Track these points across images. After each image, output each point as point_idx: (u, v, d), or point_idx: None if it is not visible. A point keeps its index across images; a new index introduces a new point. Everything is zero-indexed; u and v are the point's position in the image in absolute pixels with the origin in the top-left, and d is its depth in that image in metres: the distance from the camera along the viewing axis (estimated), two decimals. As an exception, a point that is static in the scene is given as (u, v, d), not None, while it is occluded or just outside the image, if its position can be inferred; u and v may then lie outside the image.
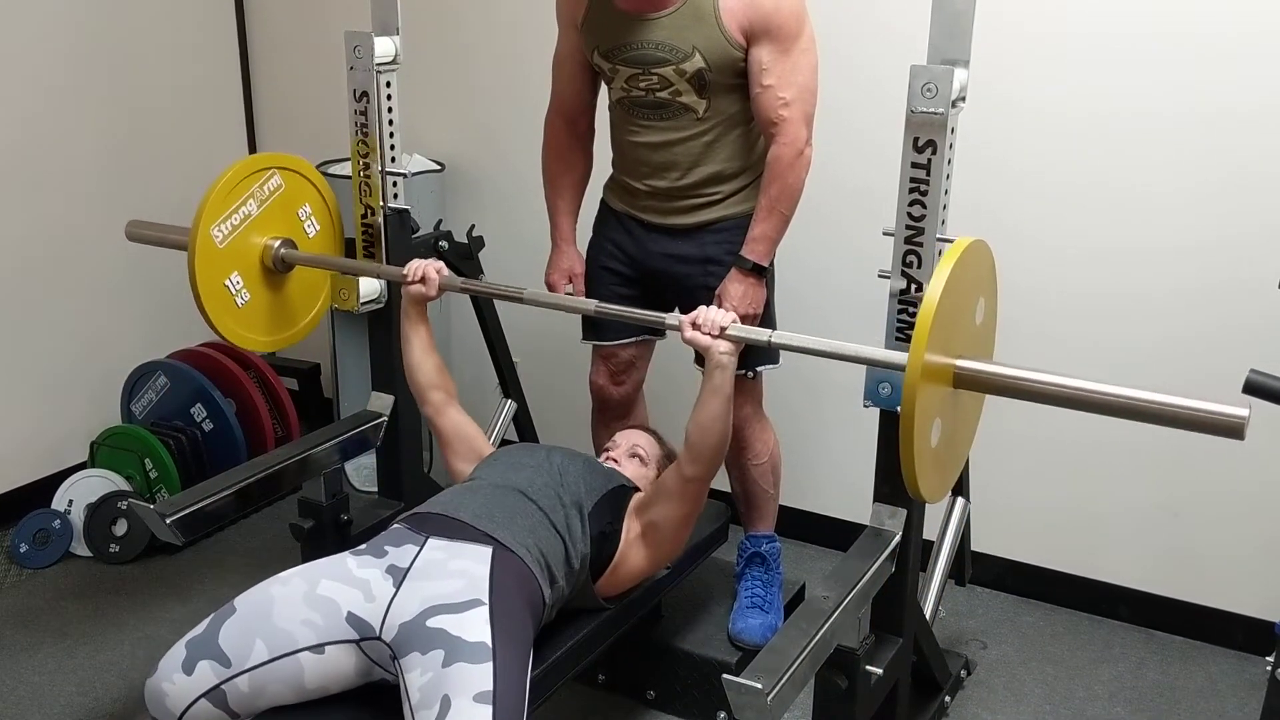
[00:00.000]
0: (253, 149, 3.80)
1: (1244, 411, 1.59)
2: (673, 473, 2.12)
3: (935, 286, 1.70)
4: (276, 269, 2.52)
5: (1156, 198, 2.63)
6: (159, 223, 2.64)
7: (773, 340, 2.00)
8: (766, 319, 2.43)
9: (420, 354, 2.36)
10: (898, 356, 1.84)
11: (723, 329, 2.00)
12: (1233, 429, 1.60)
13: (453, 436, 2.34)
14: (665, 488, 2.13)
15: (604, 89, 2.46)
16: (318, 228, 2.62)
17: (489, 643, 1.74)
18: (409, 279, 2.33)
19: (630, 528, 2.15)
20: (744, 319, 2.33)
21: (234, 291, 2.45)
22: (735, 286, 2.33)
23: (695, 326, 2.02)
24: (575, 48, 2.41)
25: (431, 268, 2.33)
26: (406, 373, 2.39)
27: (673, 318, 2.09)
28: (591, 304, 2.24)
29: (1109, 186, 2.67)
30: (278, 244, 2.51)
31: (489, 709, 1.67)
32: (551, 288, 2.59)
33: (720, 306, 2.32)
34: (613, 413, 2.67)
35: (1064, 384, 1.77)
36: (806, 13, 2.23)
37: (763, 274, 2.34)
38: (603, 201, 2.56)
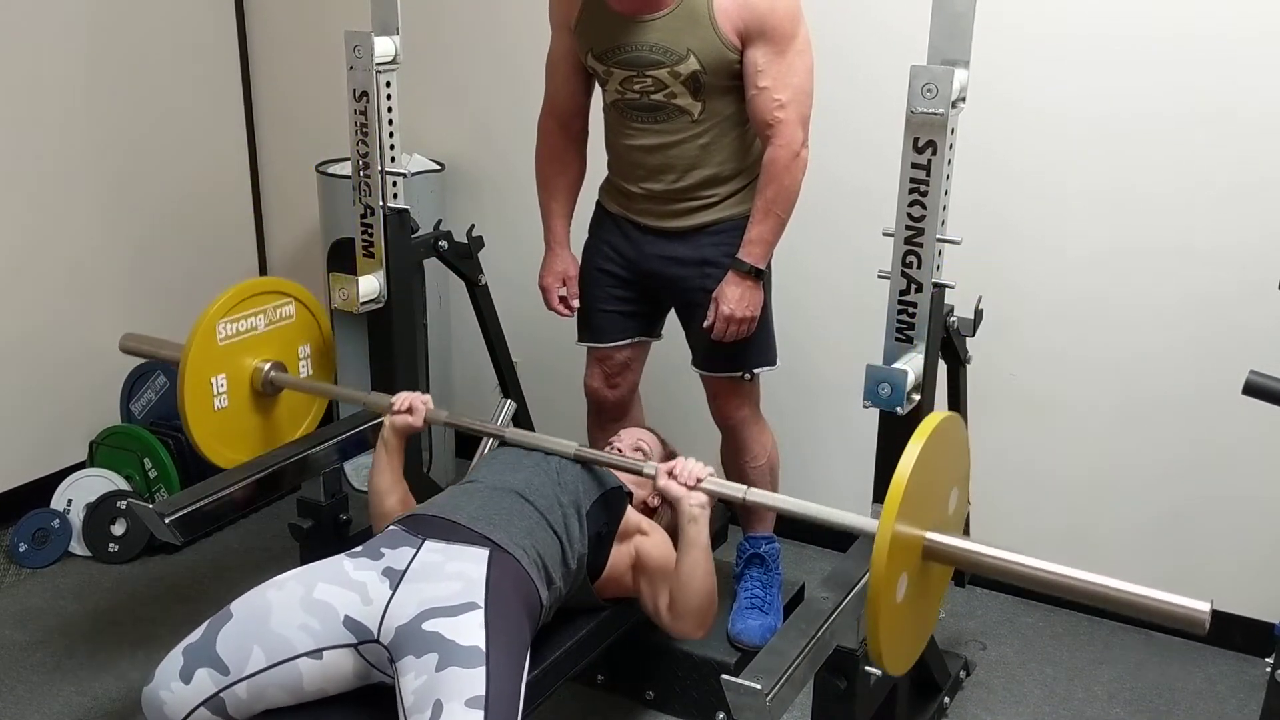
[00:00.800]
0: (252, 149, 3.80)
1: (1205, 607, 1.62)
2: (665, 601, 2.08)
3: (907, 461, 1.65)
4: (264, 392, 2.56)
5: (1157, 199, 2.63)
6: (154, 336, 2.71)
7: (747, 499, 2.00)
8: (764, 321, 2.43)
9: (390, 484, 2.30)
10: (869, 523, 1.82)
11: (699, 480, 2.00)
12: (1194, 623, 1.62)
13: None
14: (657, 603, 2.11)
15: (598, 91, 2.45)
16: (310, 372, 2.69)
17: (483, 647, 1.73)
18: (396, 408, 2.31)
19: (624, 555, 2.14)
20: (741, 322, 2.33)
21: (215, 393, 2.48)
22: (732, 289, 2.32)
23: (671, 475, 2.02)
24: (569, 49, 2.41)
25: (418, 399, 2.32)
26: (370, 496, 2.32)
27: (649, 466, 2.09)
28: (571, 446, 2.18)
29: (1110, 188, 2.67)
30: (268, 367, 2.56)
31: (480, 714, 1.66)
32: (545, 290, 2.58)
33: (718, 309, 2.32)
34: (608, 414, 2.67)
35: (1032, 565, 1.77)
36: (802, 14, 2.22)
37: (760, 277, 2.34)
38: (598, 204, 2.56)
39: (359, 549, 1.96)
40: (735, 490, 2.01)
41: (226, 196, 3.76)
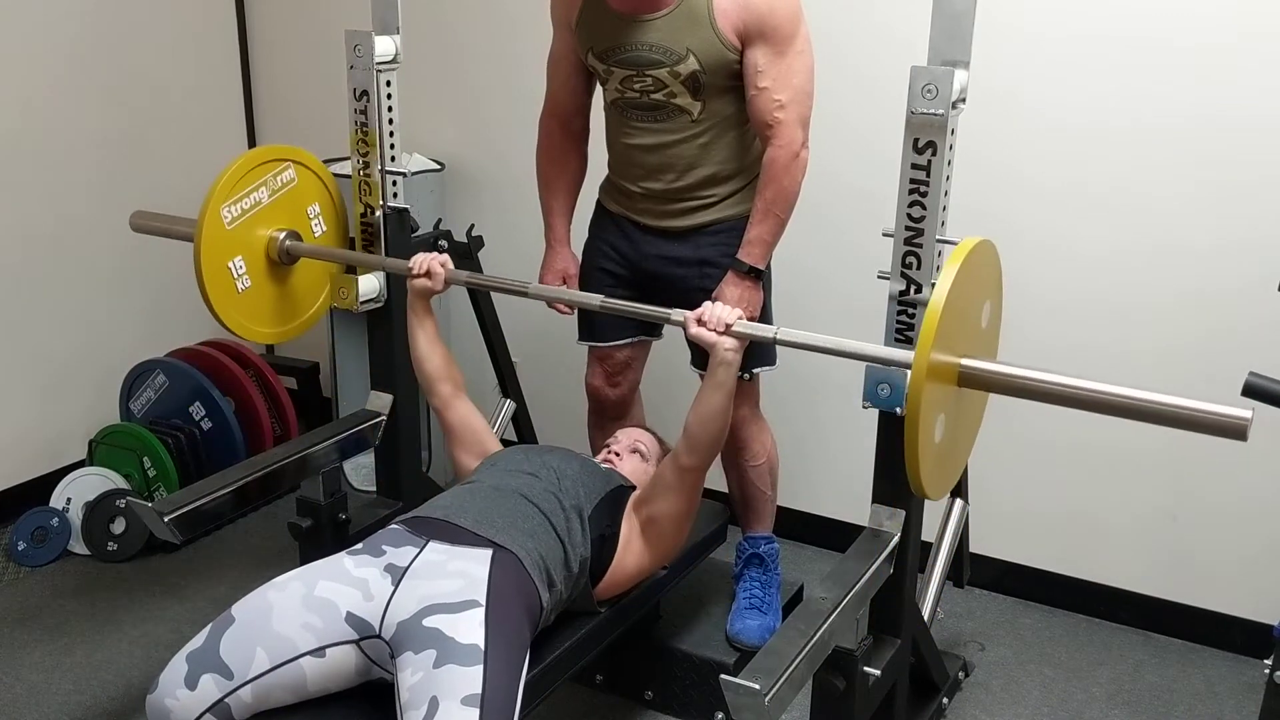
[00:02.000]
0: (252, 147, 3.80)
1: (1247, 413, 1.60)
2: (669, 464, 2.13)
3: (943, 285, 1.70)
4: (281, 261, 2.52)
5: (1157, 200, 2.63)
6: (164, 213, 2.66)
7: (778, 337, 2.00)
8: (763, 321, 2.43)
9: (427, 346, 2.37)
10: (904, 354, 1.84)
11: (728, 325, 2.01)
12: (1236, 430, 1.60)
13: (460, 430, 2.35)
14: (663, 480, 2.14)
15: (599, 90, 2.45)
16: (324, 229, 2.62)
17: (481, 645, 1.73)
18: (414, 272, 2.34)
19: (629, 527, 2.15)
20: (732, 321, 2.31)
21: (236, 275, 2.45)
22: (731, 290, 2.32)
23: (700, 323, 2.03)
24: (569, 48, 2.41)
25: (436, 261, 2.33)
26: (415, 365, 2.39)
27: (678, 314, 2.08)
28: (596, 299, 2.25)
29: (1109, 189, 2.67)
30: (283, 236, 2.51)
31: (476, 712, 1.66)
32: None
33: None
34: (609, 414, 2.67)
35: (1068, 384, 1.77)
36: (802, 14, 2.22)
37: (759, 277, 2.34)
38: (598, 203, 2.56)
39: (359, 546, 1.96)
40: (765, 331, 2.02)
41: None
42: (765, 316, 2.44)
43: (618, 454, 2.37)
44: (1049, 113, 2.68)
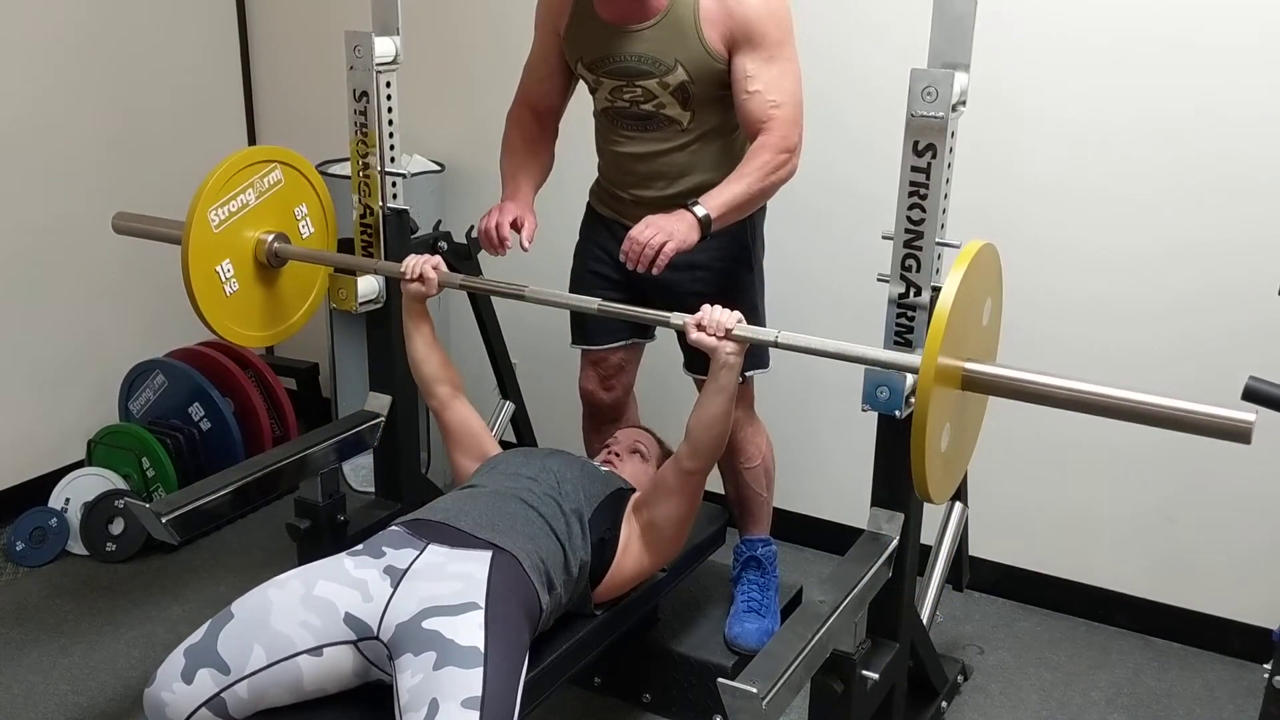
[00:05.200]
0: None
1: (1251, 416, 1.60)
2: (671, 467, 2.12)
3: (949, 291, 1.70)
4: (270, 264, 2.51)
5: (1159, 202, 2.63)
6: (149, 215, 2.64)
7: (779, 340, 1.99)
8: (755, 321, 2.42)
9: (424, 348, 2.36)
10: (910, 359, 1.84)
11: (728, 330, 2.00)
12: (1239, 434, 1.60)
13: (459, 431, 2.34)
14: (664, 483, 2.13)
15: (581, 97, 2.44)
16: (312, 230, 2.61)
17: (481, 647, 1.73)
18: (407, 276, 2.32)
19: (629, 529, 2.15)
20: (663, 235, 2.13)
21: (224, 279, 2.43)
22: (665, 218, 2.14)
23: (700, 328, 2.01)
24: (552, 53, 2.40)
25: (429, 265, 2.31)
26: (412, 367, 2.39)
27: (677, 318, 2.07)
28: (594, 302, 2.23)
29: (1110, 190, 2.67)
30: (271, 238, 2.50)
31: (476, 714, 1.66)
32: (493, 212, 2.39)
33: (644, 219, 2.18)
34: (604, 417, 2.67)
35: (1071, 387, 1.77)
36: (790, 19, 2.20)
37: (705, 226, 2.16)
38: (589, 206, 2.55)
39: (359, 547, 1.96)
40: (766, 334, 2.01)
41: (226, 196, 3.76)
42: (756, 318, 2.43)
43: (618, 454, 2.37)
44: (1051, 114, 2.68)
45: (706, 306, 2.04)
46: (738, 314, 2.03)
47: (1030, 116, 2.71)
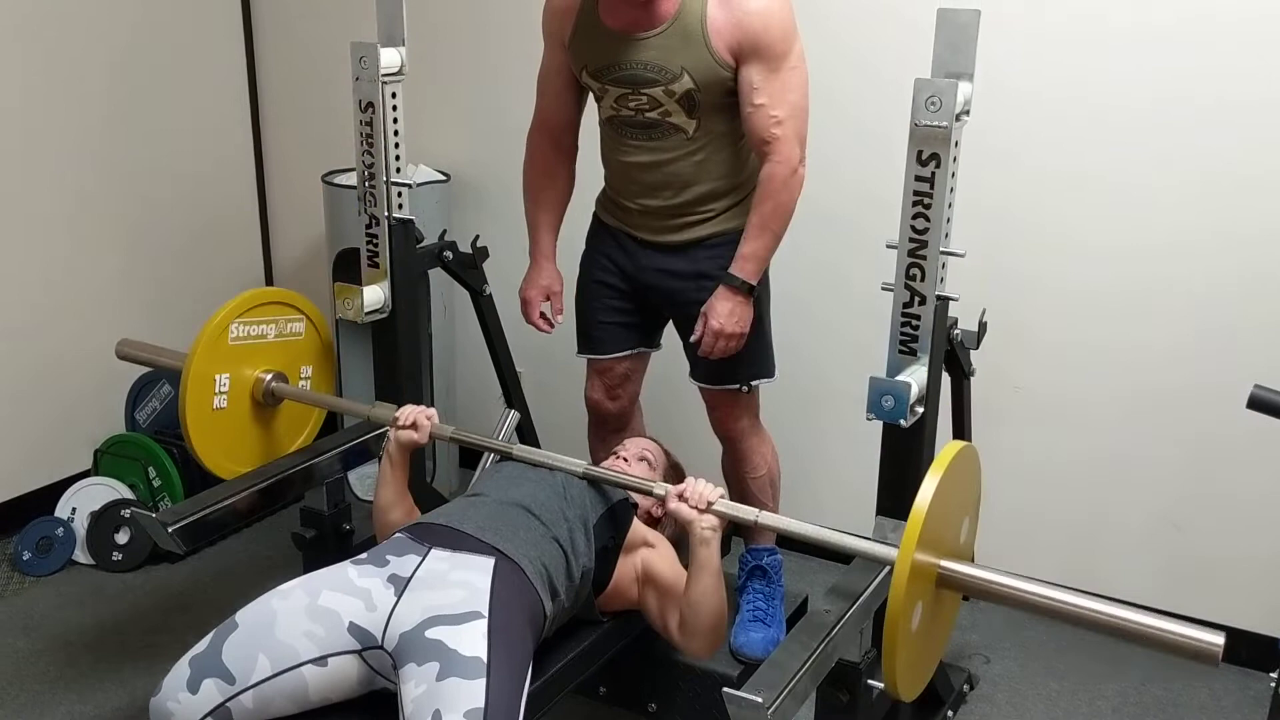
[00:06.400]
0: (259, 158, 3.81)
1: (1219, 639, 1.61)
2: (674, 619, 2.07)
3: (926, 491, 1.68)
4: (265, 402, 2.57)
5: (1169, 196, 2.62)
6: (151, 344, 2.74)
7: (759, 521, 1.99)
8: (761, 333, 2.43)
9: (395, 497, 2.31)
10: (888, 552, 1.83)
11: (709, 503, 1.99)
12: (1207, 657, 1.61)
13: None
14: (666, 619, 2.10)
15: (591, 106, 2.45)
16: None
17: (484, 658, 1.73)
18: (400, 424, 2.30)
19: (629, 569, 2.13)
20: (730, 337, 2.31)
21: (217, 390, 2.48)
22: (723, 304, 2.30)
23: (682, 498, 2.01)
24: (562, 64, 2.41)
25: (423, 414, 2.30)
26: (375, 511, 2.33)
27: (660, 487, 2.07)
28: (580, 465, 2.18)
29: (1121, 184, 2.66)
30: (270, 377, 2.57)
31: None
32: (527, 304, 2.58)
33: (707, 324, 2.30)
34: (610, 426, 2.67)
35: (1044, 595, 1.77)
36: (796, 30, 2.21)
37: (751, 292, 2.31)
38: (595, 216, 2.56)
39: (364, 556, 1.96)
40: (747, 513, 2.00)
41: (233, 206, 3.77)
42: (763, 327, 2.44)
43: (625, 460, 2.37)
44: (1061, 106, 2.67)
45: (690, 479, 2.03)
46: (721, 490, 2.02)
47: (1043, 108, 2.69)
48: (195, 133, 3.61)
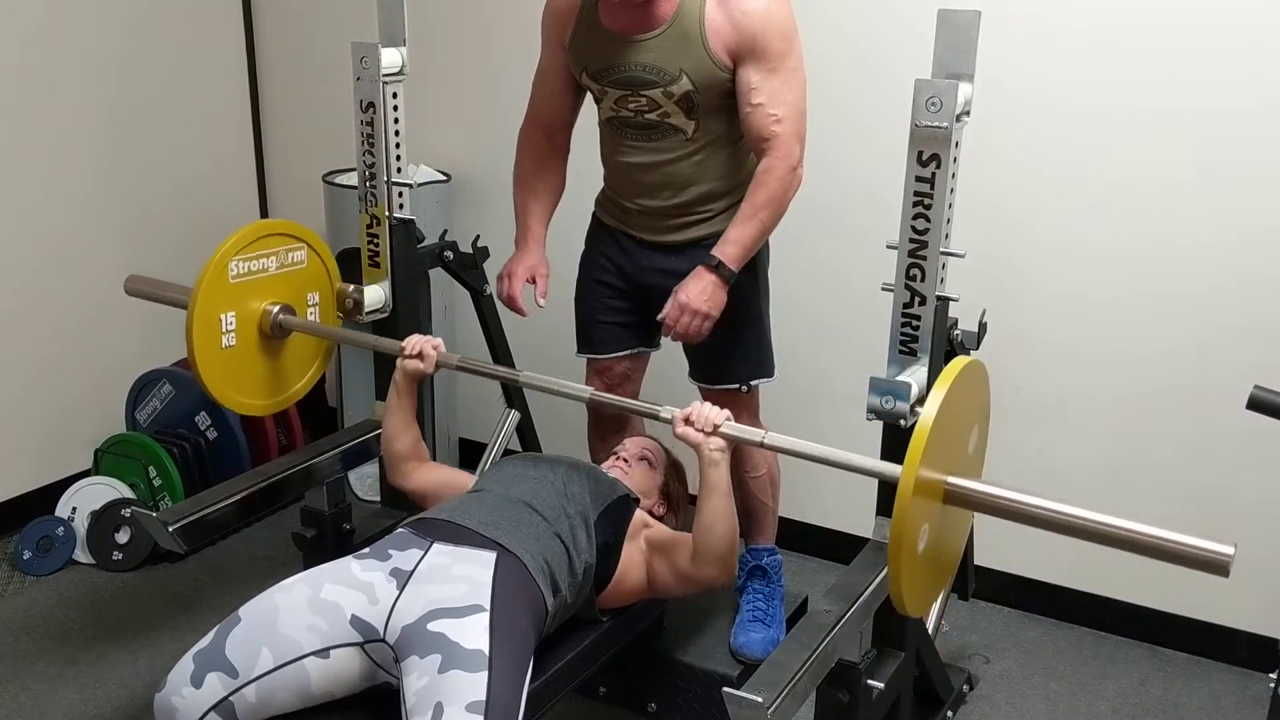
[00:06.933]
0: (260, 159, 3.81)
1: (1229, 550, 1.60)
2: (685, 557, 2.07)
3: (930, 408, 1.67)
4: (272, 335, 2.53)
5: (1172, 198, 2.62)
6: (158, 279, 2.71)
7: (765, 441, 1.99)
8: (760, 333, 2.43)
9: (402, 426, 2.33)
10: (892, 469, 1.82)
11: (716, 426, 1.99)
12: (1218, 566, 1.61)
13: (429, 491, 2.31)
14: (676, 564, 2.09)
15: (589, 107, 2.45)
16: (318, 320, 2.65)
17: (486, 651, 1.74)
18: (406, 352, 2.31)
19: (634, 550, 2.14)
20: (695, 314, 2.25)
21: (224, 329, 2.45)
22: (695, 282, 2.25)
23: (688, 422, 2.00)
24: (560, 64, 2.41)
25: (429, 344, 2.31)
26: (384, 442, 2.36)
27: (666, 411, 2.07)
28: (586, 392, 2.21)
29: (1124, 186, 2.66)
30: (277, 309, 2.52)
31: (480, 718, 1.67)
32: (509, 276, 2.51)
33: (675, 297, 2.27)
34: (608, 425, 2.67)
35: (1052, 509, 1.76)
36: (796, 32, 2.21)
37: (729, 278, 2.26)
38: (594, 217, 2.56)
39: (366, 550, 1.97)
40: (753, 435, 2.00)
41: (234, 206, 3.77)
42: (763, 327, 2.44)
43: (626, 460, 2.37)
44: (1063, 108, 2.67)
45: (696, 403, 2.03)
46: (726, 411, 2.01)
47: (1045, 110, 2.69)
48: (195, 133, 3.61)
